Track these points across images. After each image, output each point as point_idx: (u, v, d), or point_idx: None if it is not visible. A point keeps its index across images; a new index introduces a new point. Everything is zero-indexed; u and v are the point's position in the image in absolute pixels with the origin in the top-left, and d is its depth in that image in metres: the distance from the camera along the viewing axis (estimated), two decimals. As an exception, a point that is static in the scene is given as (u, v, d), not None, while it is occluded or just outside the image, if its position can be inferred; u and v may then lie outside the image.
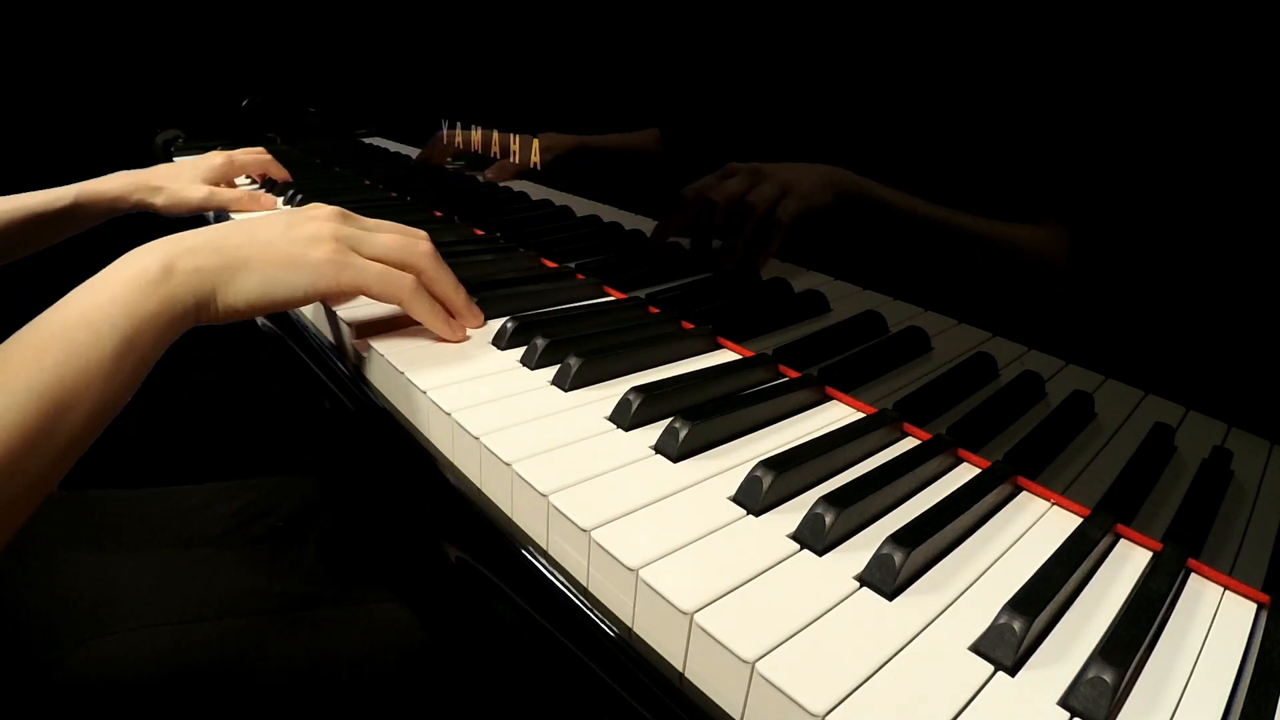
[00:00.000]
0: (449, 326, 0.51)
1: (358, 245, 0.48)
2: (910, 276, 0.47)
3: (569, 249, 0.72)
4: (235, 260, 0.44)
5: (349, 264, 0.46)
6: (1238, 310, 0.33)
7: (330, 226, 0.48)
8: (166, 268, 0.41)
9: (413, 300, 0.49)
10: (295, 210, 0.50)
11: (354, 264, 0.47)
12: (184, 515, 0.72)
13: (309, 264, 0.45)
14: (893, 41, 0.45)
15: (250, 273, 0.44)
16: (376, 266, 0.47)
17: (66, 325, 0.38)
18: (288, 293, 0.45)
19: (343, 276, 0.46)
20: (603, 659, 0.33)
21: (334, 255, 0.46)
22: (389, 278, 0.48)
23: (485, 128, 0.81)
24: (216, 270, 0.43)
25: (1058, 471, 0.41)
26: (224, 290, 0.43)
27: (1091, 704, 0.27)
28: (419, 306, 0.49)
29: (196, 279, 0.42)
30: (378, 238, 0.49)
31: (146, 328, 0.40)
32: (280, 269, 0.45)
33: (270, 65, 1.47)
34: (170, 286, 0.41)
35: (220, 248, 0.43)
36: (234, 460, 1.34)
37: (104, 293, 0.40)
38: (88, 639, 0.55)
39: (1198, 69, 0.33)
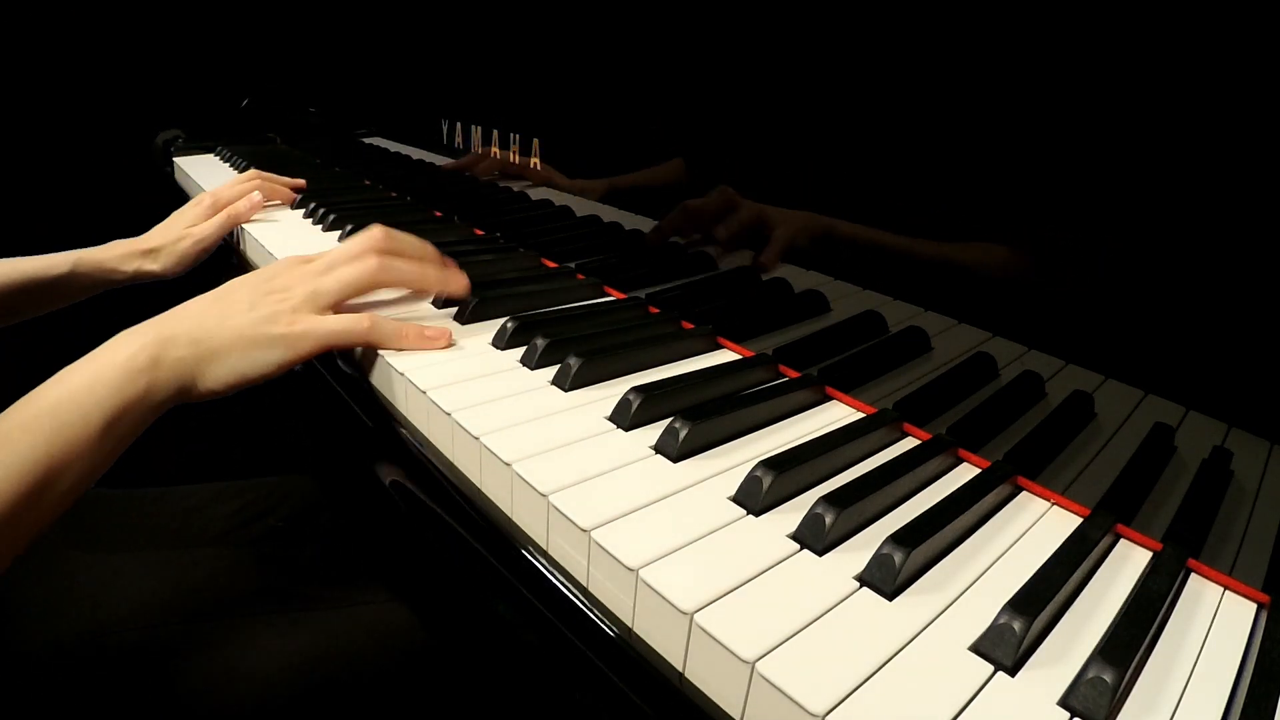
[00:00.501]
0: (424, 339, 0.52)
1: (316, 302, 0.51)
2: (910, 276, 0.47)
3: (569, 249, 0.72)
4: (209, 351, 0.47)
5: (308, 331, 0.49)
6: (1238, 310, 0.33)
7: (287, 300, 0.51)
8: (153, 359, 0.45)
9: (376, 335, 0.51)
10: (262, 279, 0.53)
11: (311, 331, 0.50)
12: (184, 515, 0.72)
13: (274, 342, 0.49)
14: (891, 73, 0.45)
15: (224, 360, 0.48)
16: (329, 322, 0.50)
17: (58, 403, 0.42)
18: (260, 371, 0.49)
19: (305, 345, 0.49)
20: (603, 659, 0.33)
21: (292, 327, 0.49)
22: (348, 329, 0.51)
23: (487, 129, 0.81)
24: (196, 360, 0.47)
25: (1058, 471, 0.41)
26: (203, 378, 0.47)
27: (1091, 704, 0.27)
28: (380, 338, 0.51)
29: (178, 369, 0.46)
30: (327, 286, 0.52)
31: (130, 411, 0.44)
32: (251, 351, 0.48)
33: (270, 65, 1.47)
34: (155, 376, 0.45)
35: (197, 339, 0.47)
36: (234, 460, 1.34)
37: (92, 375, 0.43)
38: (88, 639, 0.55)
39: (1196, 71, 0.33)
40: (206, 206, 0.90)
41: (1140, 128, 0.35)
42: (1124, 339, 0.38)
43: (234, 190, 0.93)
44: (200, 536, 0.70)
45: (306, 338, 0.49)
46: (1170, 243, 0.35)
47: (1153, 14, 0.34)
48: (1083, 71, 0.37)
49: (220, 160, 1.26)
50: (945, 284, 0.45)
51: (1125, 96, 0.35)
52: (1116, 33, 0.35)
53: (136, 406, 0.44)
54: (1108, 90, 0.36)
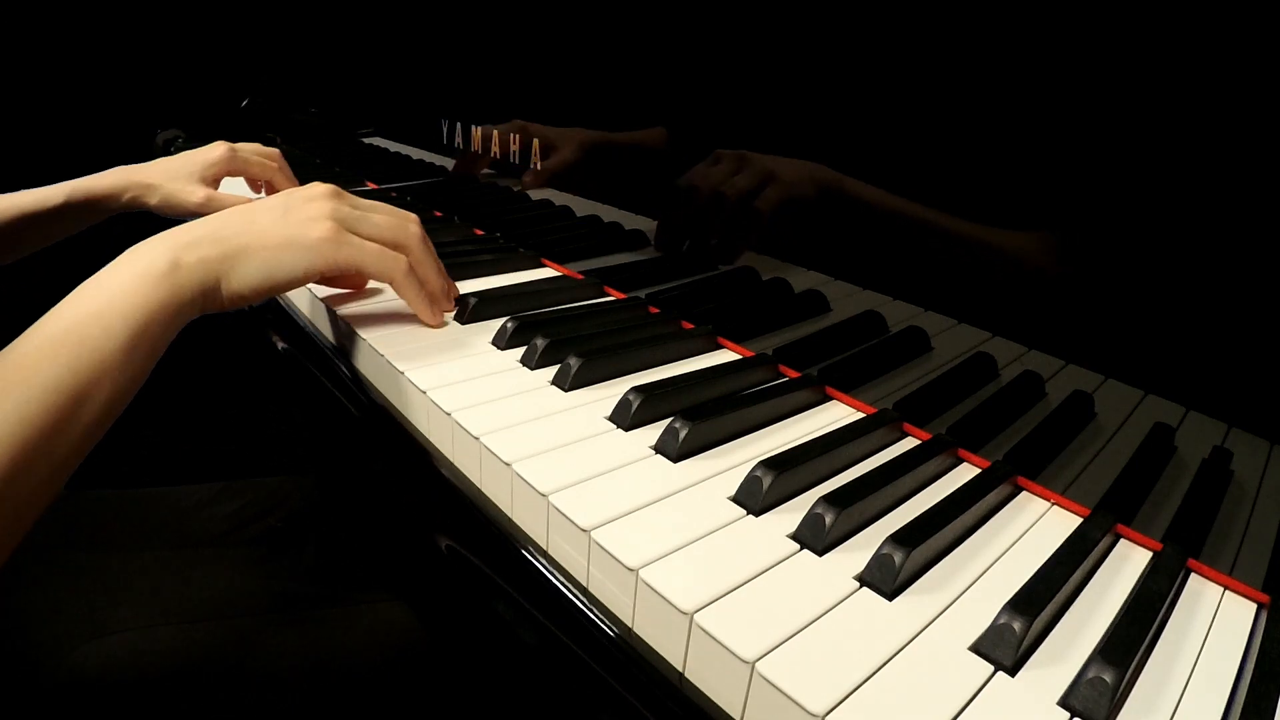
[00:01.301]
0: (430, 310, 0.53)
1: (354, 225, 0.49)
2: (910, 276, 0.46)
3: (569, 249, 0.72)
4: (236, 249, 0.45)
5: (345, 242, 0.48)
6: (1237, 310, 0.33)
7: (327, 206, 0.49)
8: (173, 262, 0.42)
9: (405, 281, 0.51)
10: (292, 192, 0.51)
11: (350, 242, 0.48)
12: (184, 515, 0.72)
13: (306, 244, 0.47)
14: (891, 43, 0.45)
15: (251, 259, 0.45)
16: (372, 245, 0.49)
17: (78, 320, 0.39)
18: (289, 274, 0.47)
19: (339, 254, 0.48)
20: (603, 659, 0.33)
21: (330, 234, 0.47)
22: (384, 257, 0.49)
23: (486, 129, 0.81)
24: (219, 260, 0.44)
25: (1058, 471, 0.41)
26: (228, 279, 0.45)
27: (1091, 704, 0.27)
28: (409, 288, 0.51)
29: (202, 270, 0.43)
30: (373, 218, 0.51)
31: (156, 319, 0.41)
32: (280, 252, 0.46)
33: (270, 65, 1.47)
34: (177, 279, 0.42)
35: (221, 237, 0.45)
36: (234, 460, 1.34)
37: (113, 287, 0.41)
38: (88, 639, 0.55)
39: (1195, 70, 0.33)
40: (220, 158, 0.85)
41: (1141, 128, 0.35)
42: (1124, 339, 0.38)
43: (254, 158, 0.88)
44: (200, 536, 0.70)
45: (342, 249, 0.48)
46: (1170, 243, 0.35)
47: (1156, 13, 0.34)
48: (1082, 72, 0.37)
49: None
50: (945, 284, 0.45)
51: (1126, 97, 0.35)
52: (1120, 32, 0.35)
53: (160, 315, 0.41)
54: (1108, 90, 0.36)
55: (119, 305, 0.40)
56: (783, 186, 0.51)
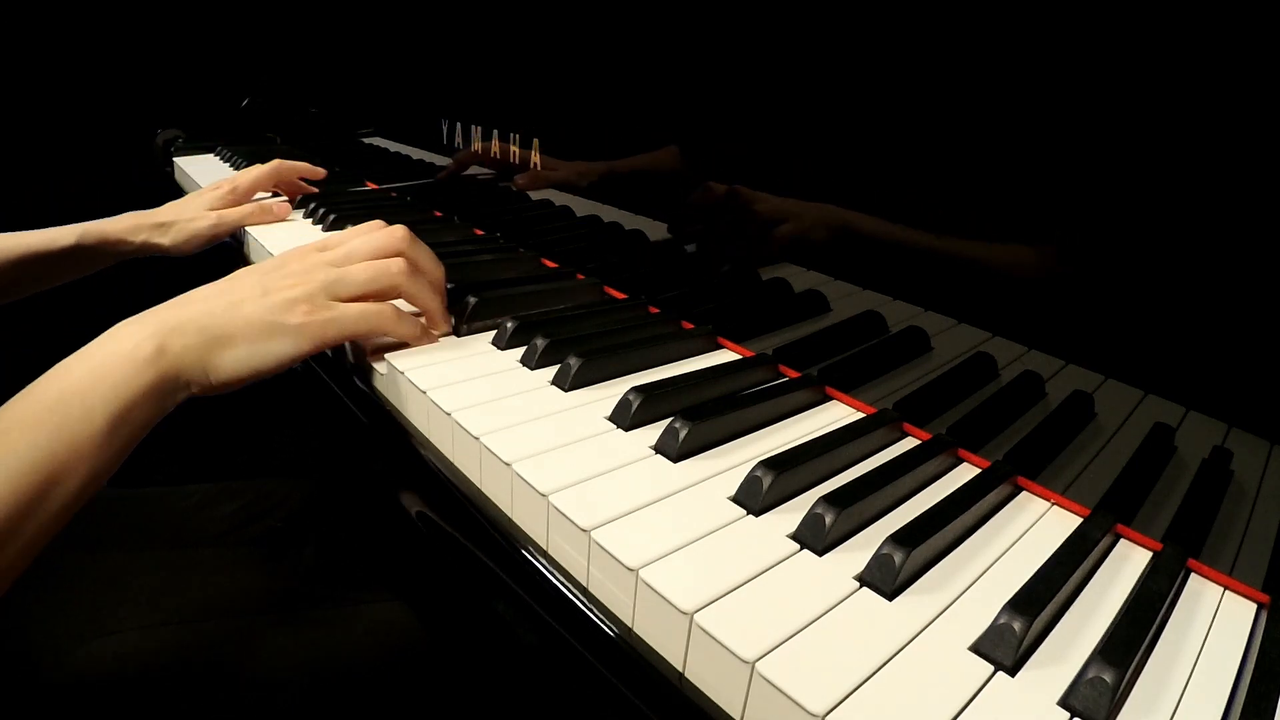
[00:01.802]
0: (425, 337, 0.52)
1: (335, 291, 0.48)
2: (910, 276, 0.47)
3: (569, 249, 0.72)
4: (219, 337, 0.44)
5: (328, 320, 0.47)
6: (1237, 310, 0.33)
7: (305, 283, 0.48)
8: (159, 348, 0.42)
9: (396, 328, 0.50)
10: (275, 266, 0.50)
11: (333, 319, 0.47)
12: (184, 515, 0.72)
13: (289, 331, 0.46)
14: (888, 56, 0.45)
15: (235, 348, 0.44)
16: (353, 310, 0.48)
17: (60, 399, 0.38)
18: (275, 361, 0.46)
19: (323, 335, 0.46)
20: (603, 659, 0.33)
21: (310, 316, 0.46)
22: (369, 317, 0.48)
23: (486, 129, 0.81)
24: (204, 349, 0.44)
25: (1058, 471, 0.41)
26: (213, 368, 0.44)
27: (1091, 704, 0.27)
28: (403, 331, 0.50)
29: (186, 358, 0.43)
30: (351, 277, 0.49)
31: (138, 405, 0.41)
32: (263, 340, 0.45)
33: (270, 65, 1.47)
34: (161, 366, 0.42)
35: (204, 325, 0.44)
36: (234, 460, 1.34)
37: (97, 368, 0.40)
38: (88, 639, 0.55)
39: (1191, 73, 0.33)
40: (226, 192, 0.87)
41: (1140, 130, 0.35)
42: (1124, 339, 0.38)
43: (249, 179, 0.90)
44: (200, 536, 0.70)
45: (327, 327, 0.47)
46: (1170, 243, 0.35)
47: (1147, 19, 0.34)
48: (1080, 75, 0.37)
49: (220, 160, 1.26)
50: (945, 284, 0.45)
51: (1123, 100, 0.35)
52: (1113, 36, 0.35)
53: (144, 401, 0.41)
54: (1106, 94, 0.36)
55: (99, 388, 0.39)
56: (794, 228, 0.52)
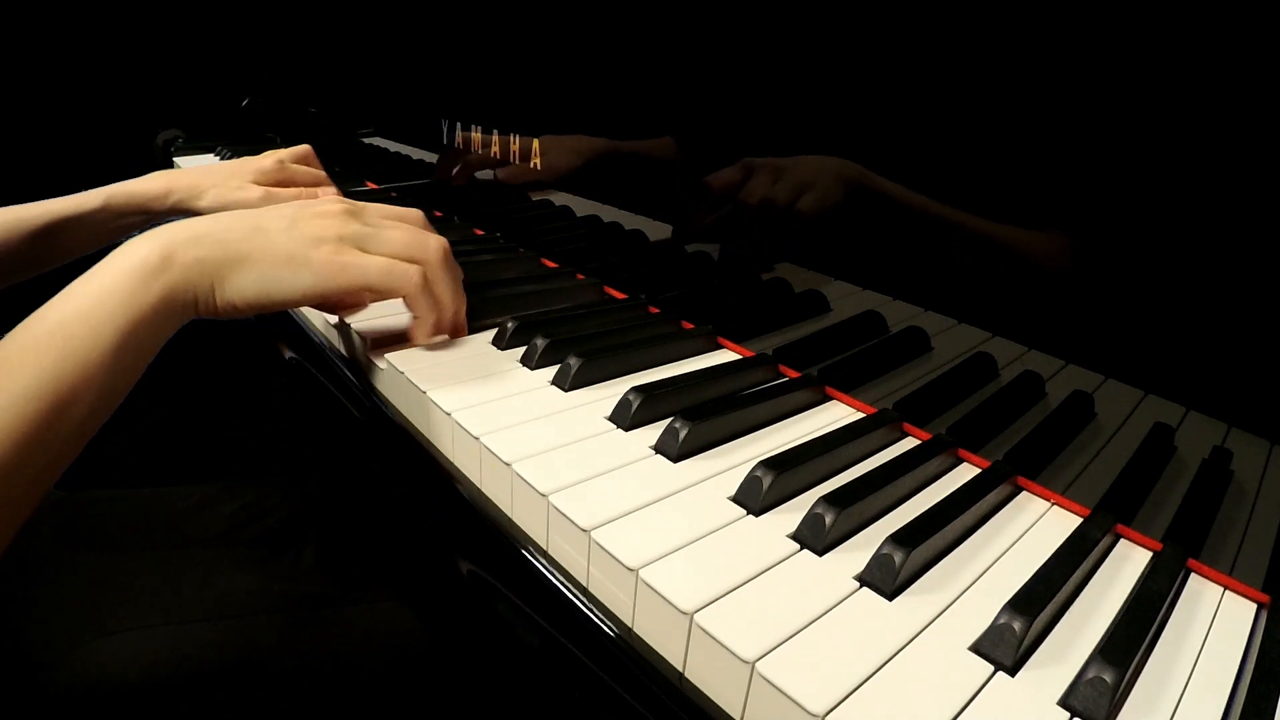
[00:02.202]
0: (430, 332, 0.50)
1: (364, 243, 0.47)
2: (910, 276, 0.47)
3: (569, 249, 0.72)
4: (237, 255, 0.42)
5: (350, 264, 0.45)
6: (1237, 310, 0.33)
7: (336, 224, 0.46)
8: (166, 257, 0.40)
9: (417, 295, 0.47)
10: (304, 204, 0.48)
11: (355, 263, 0.45)
12: (183, 516, 0.72)
13: (310, 264, 0.44)
14: (904, 43, 0.45)
15: (250, 269, 0.43)
16: (379, 261, 0.46)
17: (64, 321, 0.37)
18: (287, 293, 0.44)
19: (343, 277, 0.45)
20: (603, 659, 0.33)
21: (335, 255, 0.45)
22: (393, 272, 0.46)
23: (486, 129, 0.81)
24: (217, 264, 0.42)
25: (1058, 471, 0.41)
26: (223, 285, 0.42)
27: (1091, 704, 0.27)
28: (422, 304, 0.48)
29: (197, 271, 0.41)
30: (385, 234, 0.48)
31: (145, 320, 0.39)
32: (281, 268, 0.43)
33: (270, 65, 1.47)
34: (169, 277, 0.40)
35: (223, 240, 0.42)
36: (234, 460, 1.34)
37: (103, 284, 0.39)
38: (87, 640, 0.55)
39: (1193, 73, 0.33)
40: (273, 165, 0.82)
41: (1142, 128, 0.35)
42: (1124, 339, 0.38)
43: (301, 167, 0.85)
44: (200, 536, 0.70)
45: (347, 271, 0.44)
46: (1170, 243, 0.35)
47: (1154, 19, 0.34)
48: (1085, 77, 0.37)
49: (220, 161, 1.26)
50: (945, 284, 0.45)
51: (1128, 100, 0.35)
52: (1117, 38, 0.35)
53: (151, 316, 0.39)
54: (1111, 94, 0.36)
55: (107, 305, 0.38)
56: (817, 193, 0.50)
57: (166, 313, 0.40)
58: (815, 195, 0.50)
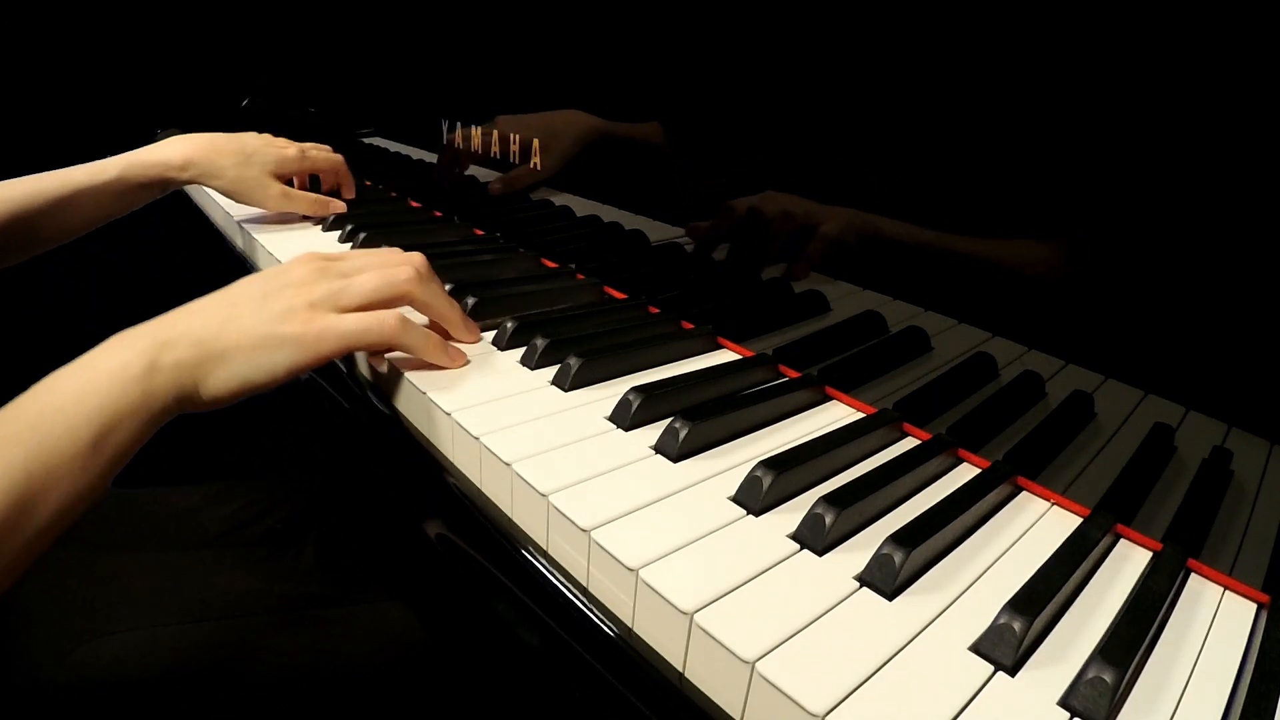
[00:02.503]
0: (447, 354, 0.49)
1: (338, 300, 0.46)
2: (910, 276, 0.47)
3: (569, 249, 0.72)
4: (213, 353, 0.42)
5: (325, 330, 0.44)
6: (1237, 310, 0.33)
7: (305, 291, 0.46)
8: (150, 364, 0.40)
9: (401, 338, 0.47)
10: (271, 274, 0.47)
11: (331, 328, 0.44)
12: (182, 516, 0.72)
13: (286, 341, 0.43)
14: (895, 57, 0.45)
15: (229, 363, 0.43)
16: (352, 320, 0.45)
17: (41, 416, 0.37)
18: (268, 375, 0.43)
19: (321, 346, 0.44)
20: (603, 659, 0.33)
21: (308, 325, 0.44)
22: (369, 328, 0.45)
23: (486, 129, 0.81)
24: (196, 365, 0.42)
25: (1058, 471, 0.41)
26: (205, 384, 0.42)
27: (1091, 704, 0.27)
28: (410, 341, 0.47)
29: (177, 375, 0.41)
30: (356, 285, 0.47)
31: (123, 424, 0.39)
32: (257, 353, 0.43)
33: (270, 65, 1.47)
34: (151, 384, 0.40)
35: (199, 339, 0.42)
36: (234, 460, 1.34)
37: (83, 384, 0.39)
38: (86, 639, 0.55)
39: (1190, 75, 0.33)
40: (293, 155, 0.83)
41: (1140, 132, 0.35)
42: (1124, 339, 0.38)
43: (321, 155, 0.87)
44: (200, 536, 0.70)
45: (324, 338, 0.44)
46: (1170, 243, 0.35)
47: (1146, 23, 0.34)
48: (1082, 80, 0.37)
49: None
50: (945, 284, 0.45)
51: (1125, 102, 0.35)
52: (1111, 40, 0.35)
53: (130, 419, 0.39)
54: (1108, 96, 0.36)
55: (87, 405, 0.38)
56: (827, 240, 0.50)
57: (145, 417, 0.40)
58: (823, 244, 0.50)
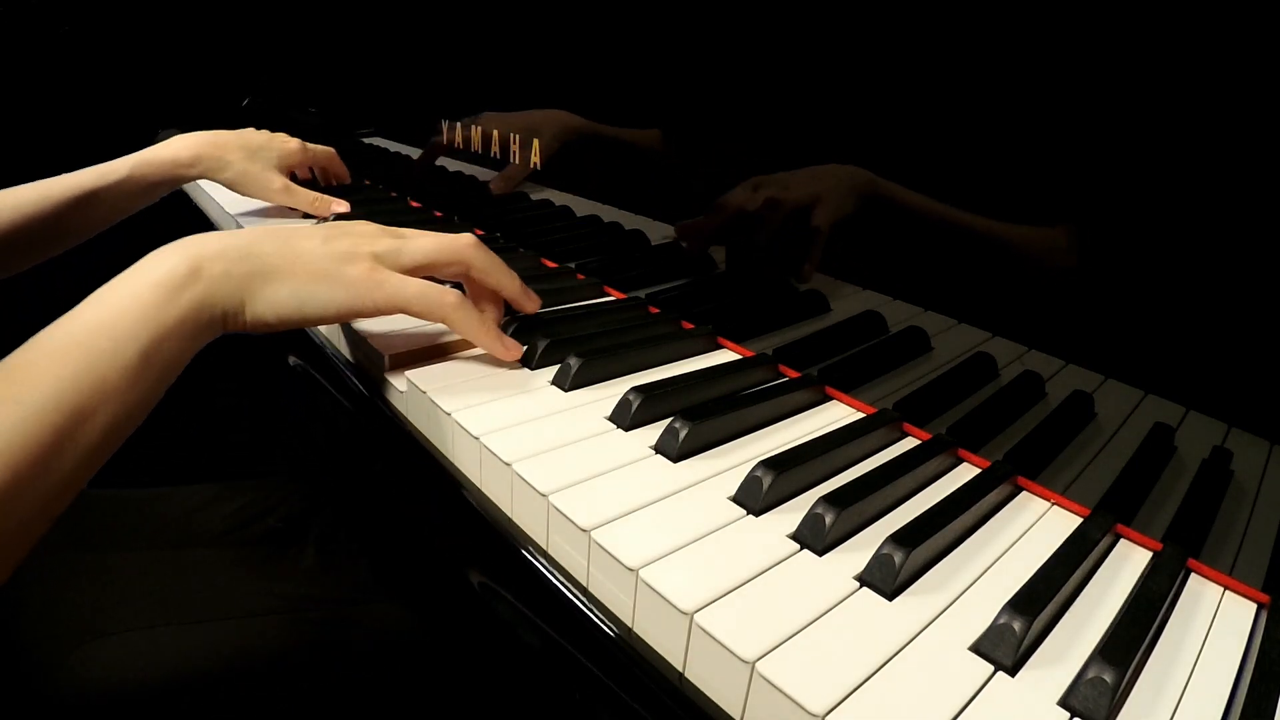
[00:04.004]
0: (501, 342, 0.47)
1: (398, 259, 0.45)
2: (910, 276, 0.46)
3: (569, 249, 0.72)
4: (267, 268, 0.41)
5: (385, 282, 0.44)
6: (1237, 310, 0.33)
7: (368, 243, 0.45)
8: (193, 270, 0.39)
9: (457, 316, 0.45)
10: (334, 224, 0.47)
11: (391, 281, 0.44)
12: (183, 516, 0.72)
13: (345, 280, 0.43)
14: (902, 42, 0.45)
15: (282, 283, 0.41)
16: (415, 284, 0.45)
17: (88, 331, 0.36)
18: (321, 308, 0.42)
19: (379, 295, 0.44)
20: (603, 659, 0.33)
21: (371, 273, 0.44)
22: (429, 295, 0.45)
23: (486, 129, 0.81)
24: (247, 277, 0.40)
25: (1058, 471, 0.41)
26: (254, 300, 0.41)
27: (1091, 704, 0.27)
28: (465, 323, 0.46)
29: (225, 285, 0.40)
30: (416, 244, 0.47)
31: (171, 336, 0.38)
32: (314, 283, 0.42)
33: (270, 65, 1.47)
34: (196, 291, 0.39)
35: (252, 253, 0.41)
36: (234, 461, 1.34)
37: (128, 295, 0.37)
38: (87, 640, 0.55)
39: (1192, 72, 0.33)
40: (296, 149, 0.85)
41: (1141, 130, 0.35)
42: (1124, 339, 0.38)
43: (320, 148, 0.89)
44: (200, 536, 0.70)
45: (382, 289, 0.43)
46: (1171, 243, 0.35)
47: (1151, 20, 0.34)
48: (1081, 75, 0.37)
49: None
50: (945, 284, 0.45)
51: (1128, 100, 0.35)
52: (1113, 39, 0.35)
53: (177, 331, 0.38)
54: (1109, 92, 0.36)
55: (131, 317, 0.36)
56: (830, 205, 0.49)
57: (193, 328, 0.39)
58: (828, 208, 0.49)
